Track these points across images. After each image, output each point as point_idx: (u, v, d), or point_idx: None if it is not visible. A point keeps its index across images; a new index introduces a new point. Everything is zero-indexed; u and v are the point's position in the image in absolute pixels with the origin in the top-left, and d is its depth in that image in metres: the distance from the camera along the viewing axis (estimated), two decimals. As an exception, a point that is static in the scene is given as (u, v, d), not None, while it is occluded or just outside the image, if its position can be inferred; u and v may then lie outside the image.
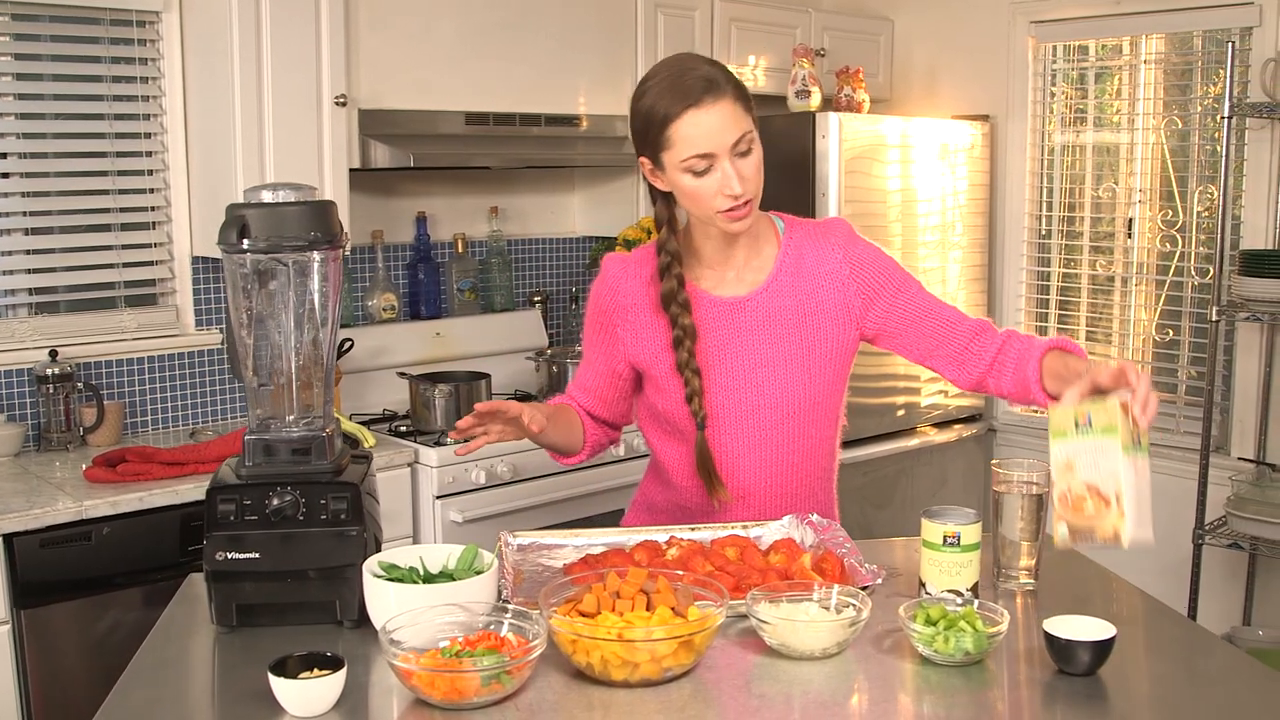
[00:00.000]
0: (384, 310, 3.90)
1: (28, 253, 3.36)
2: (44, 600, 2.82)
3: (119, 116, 3.42)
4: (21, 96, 3.30)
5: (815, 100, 4.21)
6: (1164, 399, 4.40)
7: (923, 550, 1.84)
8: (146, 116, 3.46)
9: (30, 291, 3.37)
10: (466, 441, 1.99)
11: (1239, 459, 3.99)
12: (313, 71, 3.35)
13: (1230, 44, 3.60)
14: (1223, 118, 3.61)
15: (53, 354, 3.28)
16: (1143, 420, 1.65)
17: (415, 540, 3.36)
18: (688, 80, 1.91)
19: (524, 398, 4.01)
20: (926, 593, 1.83)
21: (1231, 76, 3.59)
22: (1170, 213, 4.31)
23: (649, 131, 1.95)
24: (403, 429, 3.58)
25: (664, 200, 2.04)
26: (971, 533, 1.81)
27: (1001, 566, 1.94)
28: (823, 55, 4.50)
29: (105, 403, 3.33)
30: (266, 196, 1.77)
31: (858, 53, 4.66)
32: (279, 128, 3.32)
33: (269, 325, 1.81)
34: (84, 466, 3.04)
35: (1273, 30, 3.85)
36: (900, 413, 4.35)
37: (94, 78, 3.39)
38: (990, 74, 4.59)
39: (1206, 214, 4.20)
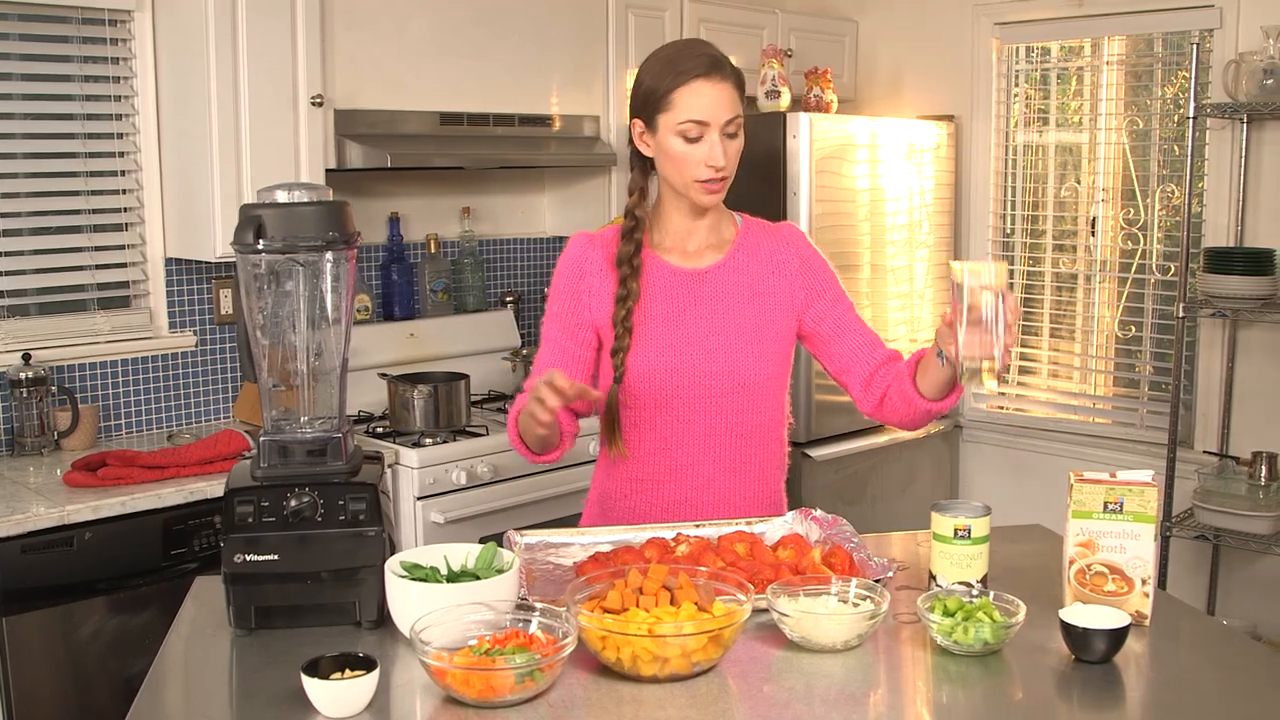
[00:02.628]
0: (358, 311, 3.88)
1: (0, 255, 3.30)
2: (26, 607, 2.77)
3: (90, 117, 3.38)
4: (-7, 96, 3.25)
5: (785, 100, 4.25)
6: (1127, 394, 4.48)
7: (933, 543, 1.87)
8: (119, 117, 3.42)
9: (2, 294, 3.31)
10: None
11: (1204, 452, 4.07)
12: (288, 72, 3.33)
13: (1194, 46, 3.68)
14: (1187, 118, 3.68)
15: (25, 357, 3.23)
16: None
17: (398, 540, 3.34)
18: (699, 54, 2.06)
19: (497, 397, 4.01)
20: (937, 585, 1.86)
21: (1196, 78, 3.67)
22: (1132, 211, 4.39)
23: (655, 90, 2.06)
24: (380, 430, 3.56)
25: (641, 168, 2.16)
26: (982, 525, 1.84)
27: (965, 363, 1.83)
28: (790, 56, 4.54)
29: (79, 406, 3.29)
30: (281, 196, 1.76)
31: (823, 54, 4.70)
32: (255, 128, 3.29)
33: (283, 326, 1.80)
34: (62, 471, 3.00)
35: (1233, 32, 3.94)
36: (870, 410, 4.38)
37: (65, 77, 3.34)
38: (954, 75, 4.65)
39: (1167, 212, 4.28)
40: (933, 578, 1.88)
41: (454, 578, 1.70)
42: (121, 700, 2.37)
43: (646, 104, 2.08)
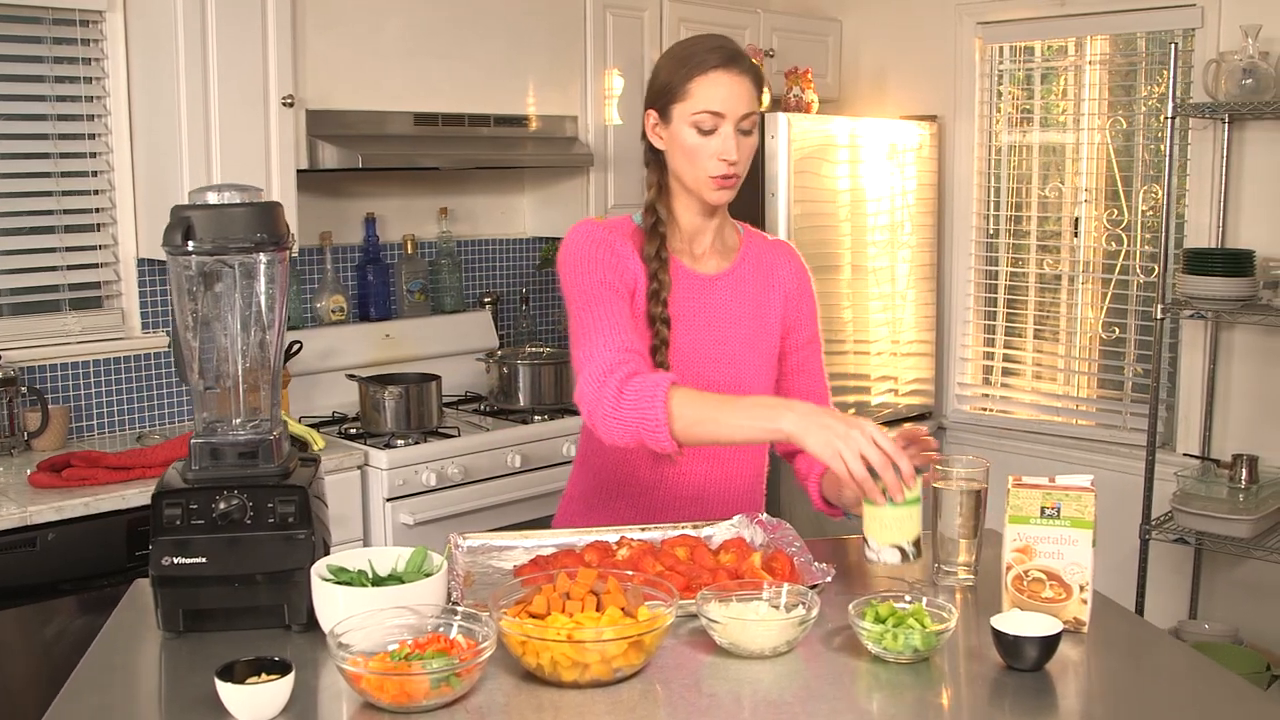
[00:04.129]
0: (333, 312, 3.88)
1: (-31, 255, 3.31)
2: (-12, 608, 2.78)
3: (62, 117, 3.38)
4: (-39, 96, 3.25)
5: (765, 100, 4.22)
6: (1110, 396, 4.46)
7: (864, 507, 1.84)
8: (90, 117, 3.42)
9: (-27, 294, 3.32)
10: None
11: (1184, 455, 4.04)
12: (259, 72, 3.33)
13: (1174, 46, 3.65)
14: (1166, 118, 3.66)
15: (-5, 358, 3.24)
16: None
17: (366, 543, 3.34)
18: (719, 47, 2.03)
19: (474, 399, 4.00)
20: (870, 548, 1.83)
21: (1175, 78, 3.64)
22: (1115, 212, 4.36)
23: (672, 79, 2.02)
24: (353, 431, 3.56)
25: (657, 164, 2.11)
26: (912, 488, 1.81)
27: (940, 563, 1.95)
28: (772, 56, 4.52)
29: (50, 407, 3.28)
30: (212, 198, 1.75)
31: (806, 53, 4.68)
32: (225, 128, 3.29)
33: (215, 328, 1.79)
34: (30, 472, 3.00)
35: (1214, 32, 3.91)
36: (851, 410, 4.37)
37: (36, 78, 3.34)
38: (937, 74, 4.63)
39: (1151, 213, 4.26)
40: (866, 543, 1.85)
41: (379, 581, 1.68)
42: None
43: (662, 94, 2.03)
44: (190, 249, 1.73)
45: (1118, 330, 4.39)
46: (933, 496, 1.96)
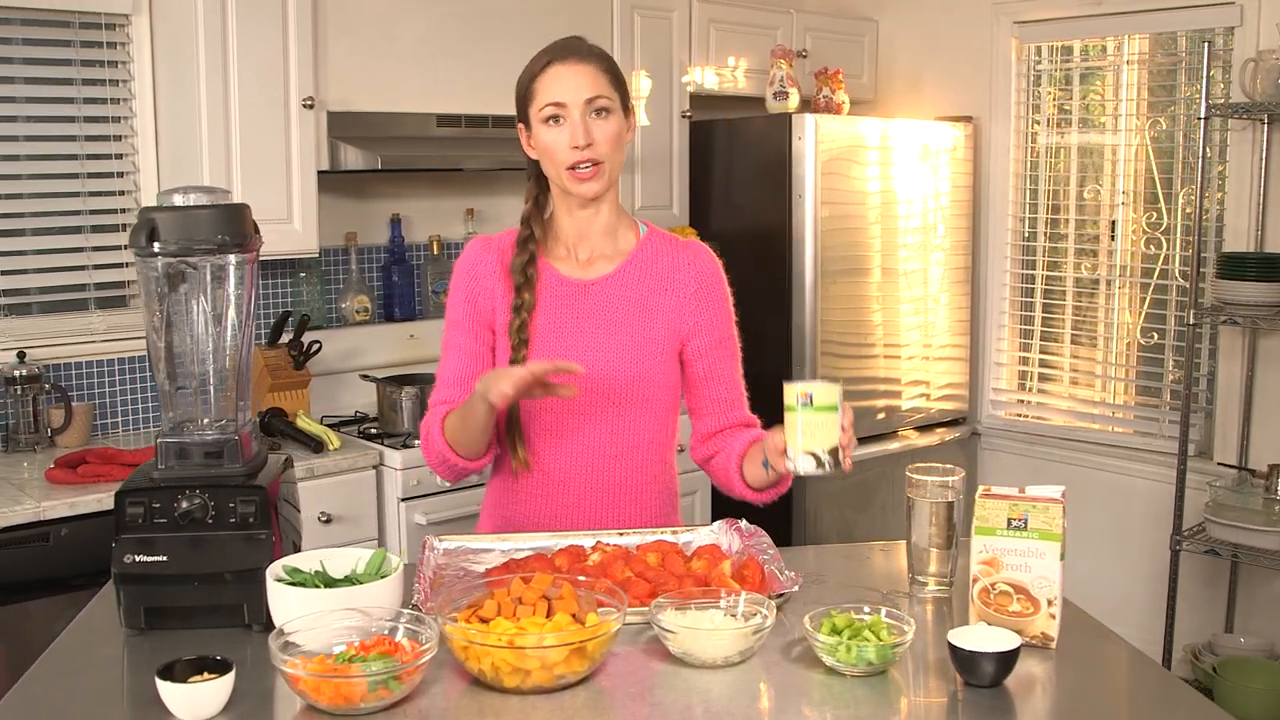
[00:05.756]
0: (357, 312, 3.90)
1: (-3, 254, 3.38)
2: (1, 601, 2.82)
3: (90, 119, 3.44)
4: (-9, 100, 3.32)
5: (793, 101, 4.19)
6: (1148, 403, 4.36)
7: (786, 415, 1.81)
8: (117, 119, 3.47)
9: (0, 293, 3.38)
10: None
11: (1220, 464, 3.94)
12: (280, 74, 3.36)
13: (1207, 44, 3.56)
14: (1200, 119, 3.57)
15: (20, 355, 3.29)
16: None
17: (380, 543, 3.36)
18: (558, 45, 2.08)
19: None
20: (788, 457, 1.80)
21: (1208, 77, 3.55)
22: (1155, 215, 4.27)
23: (521, 89, 2.08)
24: (373, 431, 3.58)
25: (537, 176, 2.14)
26: (825, 393, 1.76)
27: (914, 573, 1.92)
28: (804, 56, 4.48)
29: (73, 404, 3.34)
30: (178, 200, 1.76)
31: (841, 54, 4.64)
32: (246, 130, 3.32)
33: (181, 328, 1.80)
34: (48, 468, 3.05)
35: (1254, 30, 3.81)
36: (880, 415, 4.32)
37: (65, 80, 3.40)
38: (973, 75, 4.56)
39: (1192, 216, 4.16)
40: (784, 452, 1.81)
41: (332, 583, 1.69)
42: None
43: (519, 104, 2.09)
44: (155, 250, 1.74)
45: (1156, 336, 4.30)
46: (905, 506, 1.93)
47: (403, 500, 3.34)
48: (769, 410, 2.20)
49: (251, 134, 3.33)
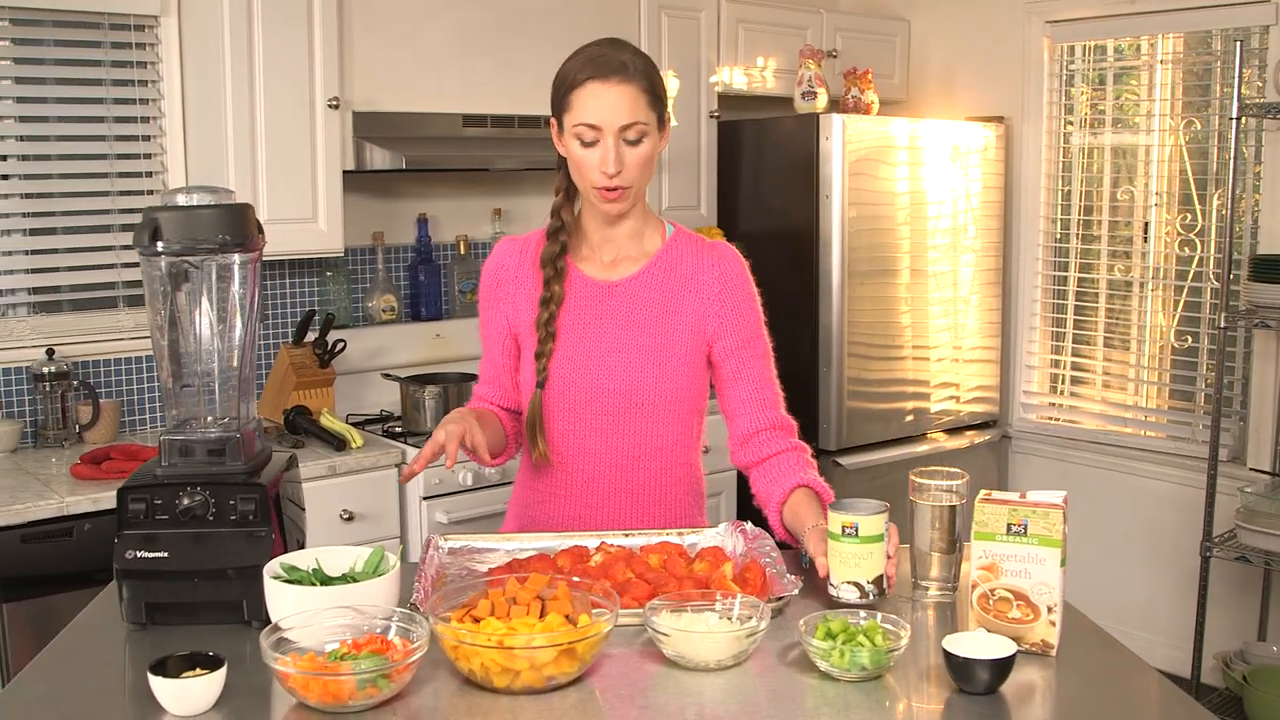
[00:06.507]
0: (384, 311, 3.92)
1: (27, 253, 3.42)
2: (25, 594, 2.86)
3: (119, 119, 3.48)
4: (22, 100, 3.36)
5: (821, 102, 4.17)
6: (1181, 407, 4.30)
7: (829, 543, 1.81)
8: (146, 119, 3.51)
9: (30, 291, 3.43)
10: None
11: (1253, 470, 3.88)
12: (305, 75, 3.39)
13: (1239, 43, 3.51)
14: (1230, 118, 3.51)
15: (49, 352, 3.34)
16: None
17: (402, 541, 3.38)
18: (605, 58, 2.01)
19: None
20: (831, 584, 1.80)
21: (1239, 76, 3.50)
22: (1189, 216, 4.21)
23: (558, 91, 2.05)
24: (396, 429, 3.60)
25: (566, 169, 2.11)
26: (871, 524, 1.77)
27: (916, 577, 1.90)
28: (834, 56, 4.46)
29: (101, 401, 3.38)
30: (181, 200, 1.78)
31: (873, 54, 4.61)
32: (271, 130, 3.35)
33: (185, 327, 1.82)
34: (73, 464, 3.09)
35: (1289, 29, 3.75)
36: (909, 418, 4.29)
37: (95, 81, 3.44)
38: (1005, 75, 4.52)
39: (1226, 217, 4.09)
40: (827, 580, 1.81)
41: (328, 581, 1.69)
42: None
43: (554, 102, 2.07)
44: (159, 249, 1.76)
45: (1190, 339, 4.24)
46: (909, 509, 1.92)
47: (424, 499, 3.36)
48: (794, 406, 2.20)
49: (277, 134, 3.36)
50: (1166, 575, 4.16)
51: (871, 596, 1.78)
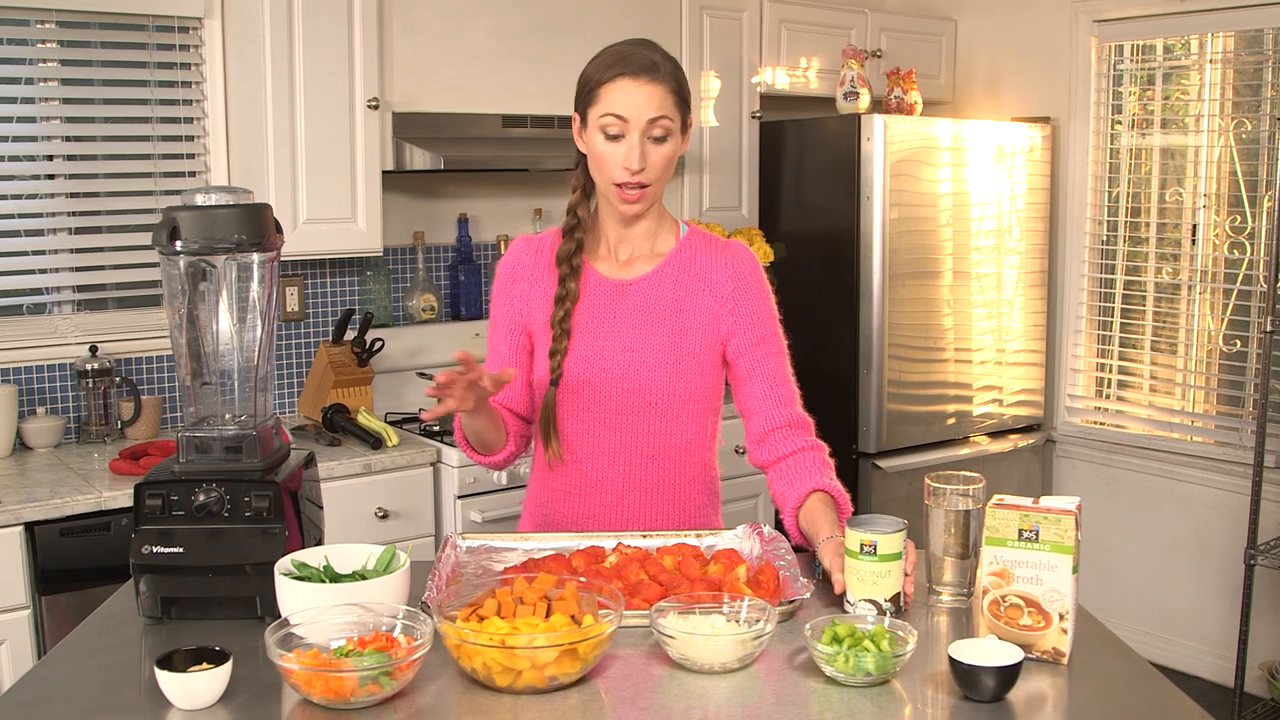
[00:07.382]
0: (423, 311, 3.95)
1: (72, 251, 3.48)
2: (64, 588, 2.92)
3: (163, 119, 3.53)
4: (69, 101, 3.42)
5: (864, 102, 4.14)
6: (1229, 412, 4.23)
7: (846, 559, 1.80)
8: (189, 120, 3.56)
9: (74, 289, 3.49)
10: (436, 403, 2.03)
11: (1300, 477, 3.81)
12: (345, 76, 3.42)
13: (1288, 42, 3.44)
14: (1275, 119, 3.44)
15: (93, 349, 3.40)
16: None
17: (436, 539, 3.40)
18: (636, 56, 2.03)
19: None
20: (848, 602, 1.79)
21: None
22: (1238, 218, 4.13)
23: (584, 86, 2.05)
24: (433, 428, 3.62)
25: (584, 167, 2.12)
26: (889, 542, 1.75)
27: (930, 582, 1.88)
28: (879, 56, 4.43)
29: (143, 398, 3.43)
30: (200, 200, 1.80)
31: (918, 54, 4.57)
32: (311, 131, 3.39)
33: (202, 326, 1.84)
34: (112, 459, 3.14)
35: (1342, 28, 3.67)
36: (950, 421, 4.25)
37: (140, 82, 3.50)
38: (1052, 75, 4.46)
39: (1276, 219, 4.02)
40: (842, 595, 1.80)
41: (337, 578, 1.71)
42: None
43: (579, 97, 2.07)
44: (177, 249, 1.78)
45: (1239, 343, 4.16)
46: (924, 514, 1.90)
47: (459, 498, 3.38)
48: (833, 409, 2.18)
49: (317, 135, 3.40)
50: (1211, 583, 4.09)
51: (888, 614, 1.76)
